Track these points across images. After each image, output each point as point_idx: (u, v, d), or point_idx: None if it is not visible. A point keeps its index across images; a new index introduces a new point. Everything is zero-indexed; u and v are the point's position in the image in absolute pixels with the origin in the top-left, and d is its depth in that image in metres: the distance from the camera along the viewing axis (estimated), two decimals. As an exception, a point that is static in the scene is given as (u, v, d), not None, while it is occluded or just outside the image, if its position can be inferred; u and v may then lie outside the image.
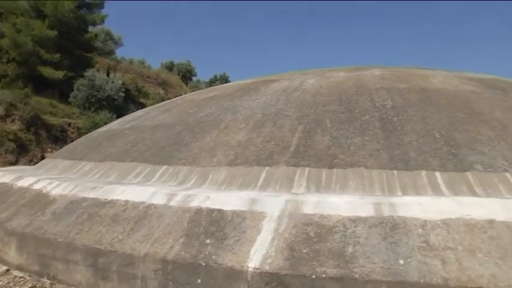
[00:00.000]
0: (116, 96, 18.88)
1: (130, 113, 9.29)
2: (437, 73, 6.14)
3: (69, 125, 16.02)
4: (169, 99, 14.44)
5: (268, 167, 3.94)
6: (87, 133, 9.44)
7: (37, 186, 4.75)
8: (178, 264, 2.94)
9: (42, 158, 11.99)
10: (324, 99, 5.11)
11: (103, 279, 3.30)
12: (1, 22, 17.56)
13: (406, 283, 2.39)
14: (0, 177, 5.69)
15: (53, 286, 3.55)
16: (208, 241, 3.02)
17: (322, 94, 5.32)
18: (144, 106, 18.05)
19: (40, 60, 17.30)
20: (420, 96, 4.84)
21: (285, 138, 4.31)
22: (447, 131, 3.95)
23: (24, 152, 13.24)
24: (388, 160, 3.65)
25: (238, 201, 3.32)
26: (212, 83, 33.58)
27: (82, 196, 4.11)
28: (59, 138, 15.08)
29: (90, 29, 21.54)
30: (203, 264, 2.86)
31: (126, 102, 20.19)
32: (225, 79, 34.95)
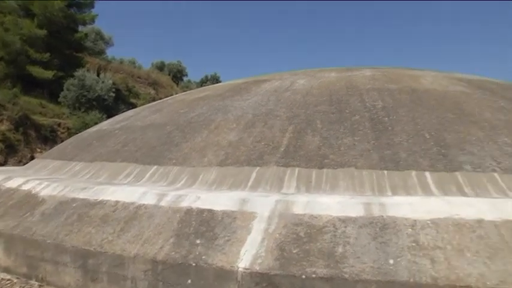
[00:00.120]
0: (106, 96, 18.74)
1: (121, 113, 9.22)
2: (427, 74, 6.19)
3: (59, 125, 15.87)
4: (160, 99, 14.40)
5: (258, 167, 3.94)
6: (77, 133, 9.36)
7: (26, 186, 4.69)
8: (168, 264, 2.93)
9: (32, 158, 11.85)
10: (314, 99, 5.13)
11: (92, 281, 3.27)
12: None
13: (396, 283, 2.41)
14: (-12, 178, 5.60)
15: (41, 288, 3.52)
16: (198, 241, 3.01)
17: (313, 94, 5.34)
18: (134, 106, 17.94)
19: (29, 60, 17.09)
20: (410, 96, 4.87)
21: (275, 139, 4.31)
22: (437, 132, 3.98)
23: (13, 152, 13.09)
24: (379, 160, 3.67)
25: (228, 201, 3.32)
26: (203, 83, 33.49)
27: (72, 197, 4.07)
28: (49, 138, 14.93)
29: (80, 28, 21.32)
30: (193, 264, 2.85)
31: (117, 102, 20.05)
32: (216, 79, 34.91)
